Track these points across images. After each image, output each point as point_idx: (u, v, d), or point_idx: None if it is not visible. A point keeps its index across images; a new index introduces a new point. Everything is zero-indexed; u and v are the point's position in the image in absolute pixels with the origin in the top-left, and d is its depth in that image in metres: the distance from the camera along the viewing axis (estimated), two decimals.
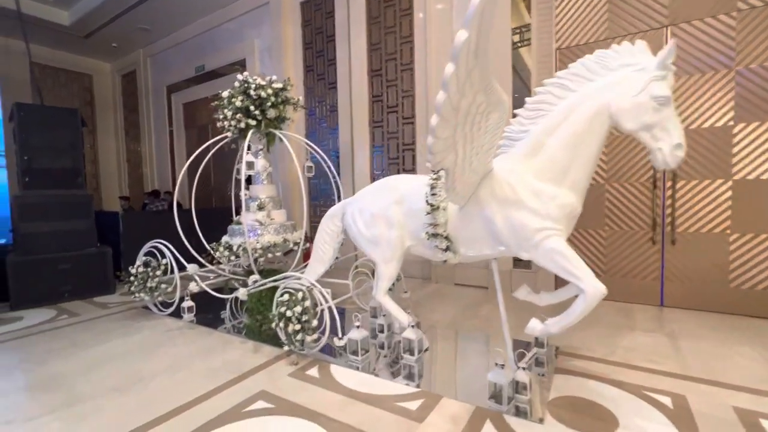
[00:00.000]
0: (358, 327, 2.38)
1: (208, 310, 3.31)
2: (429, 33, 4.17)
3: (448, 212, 2.06)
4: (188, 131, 7.19)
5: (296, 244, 3.12)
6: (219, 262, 3.38)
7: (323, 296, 2.35)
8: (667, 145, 1.57)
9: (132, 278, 3.23)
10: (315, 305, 2.35)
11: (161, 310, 3.33)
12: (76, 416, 1.83)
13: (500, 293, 2.13)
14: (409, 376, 2.17)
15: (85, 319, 3.34)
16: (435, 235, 2.07)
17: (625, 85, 1.61)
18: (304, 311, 2.28)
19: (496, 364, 1.84)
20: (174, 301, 3.21)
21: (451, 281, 4.20)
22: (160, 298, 3.33)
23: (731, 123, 2.95)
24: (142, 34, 6.97)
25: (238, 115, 2.91)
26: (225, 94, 2.98)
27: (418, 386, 2.03)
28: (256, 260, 3.08)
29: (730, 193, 3.00)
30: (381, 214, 2.35)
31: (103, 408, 1.89)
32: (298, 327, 2.26)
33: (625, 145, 3.31)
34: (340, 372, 2.22)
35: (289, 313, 2.28)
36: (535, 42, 3.64)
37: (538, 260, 1.82)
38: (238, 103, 2.88)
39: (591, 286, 1.67)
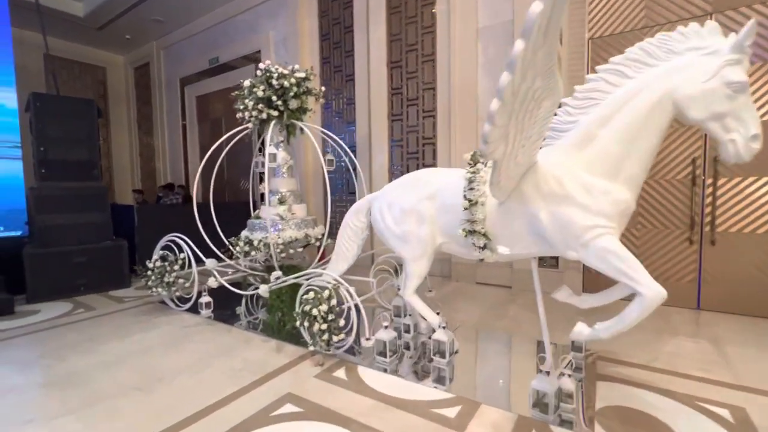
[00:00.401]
0: (386, 327, 2.28)
1: (226, 306, 3.24)
2: (453, 23, 4.02)
3: (487, 208, 1.94)
4: (201, 125, 7.12)
5: (317, 239, 3.02)
6: (237, 257, 3.30)
7: (350, 294, 2.25)
8: (742, 136, 1.43)
9: (149, 272, 3.17)
10: (341, 303, 2.25)
11: (178, 306, 3.25)
12: (97, 416, 1.75)
13: (539, 295, 2.01)
14: (439, 380, 2.07)
15: (101, 313, 3.28)
16: (472, 232, 1.95)
17: (693, 70, 1.47)
18: (330, 310, 2.18)
19: (541, 370, 1.72)
20: (192, 296, 3.14)
21: (473, 280, 4.07)
22: (177, 293, 3.26)
23: None
24: (156, 25, 6.90)
25: (260, 106, 2.80)
26: (246, 83, 2.87)
27: (448, 390, 1.93)
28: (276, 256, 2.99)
29: None
30: (412, 209, 2.23)
31: (125, 408, 1.81)
32: (324, 326, 2.16)
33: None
34: (368, 374, 2.12)
35: (314, 312, 2.18)
36: (566, 31, 3.47)
37: (587, 260, 1.69)
38: (260, 93, 2.77)
39: (650, 289, 1.54)
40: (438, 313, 2.32)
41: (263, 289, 2.64)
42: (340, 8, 5.04)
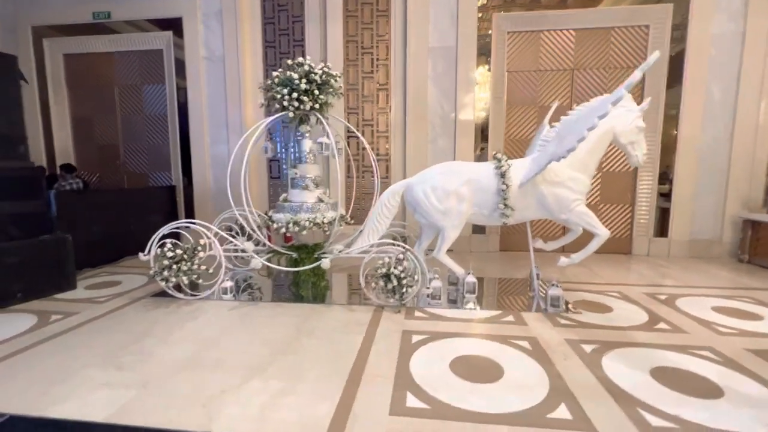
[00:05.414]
0: (436, 278, 3.10)
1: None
2: (409, 38, 4.85)
3: (512, 189, 2.99)
4: (75, 91, 5.70)
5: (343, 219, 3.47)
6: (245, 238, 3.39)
7: (416, 257, 2.96)
8: (641, 153, 2.91)
9: (165, 261, 2.96)
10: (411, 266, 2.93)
11: (192, 294, 3.14)
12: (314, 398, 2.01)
13: (531, 244, 3.24)
14: (474, 305, 3.05)
15: (95, 315, 2.85)
16: (506, 206, 2.98)
17: (623, 118, 2.86)
18: (405, 270, 2.86)
19: (553, 284, 2.92)
20: (217, 281, 3.12)
21: None
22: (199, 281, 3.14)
23: None
24: None
25: (303, 97, 3.03)
26: (294, 75, 3.01)
27: (493, 309, 2.95)
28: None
29: None
30: (453, 191, 3.08)
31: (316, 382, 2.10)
32: (404, 282, 2.82)
33: None
34: (436, 311, 2.90)
35: (396, 272, 2.81)
36: (494, 63, 4.83)
37: (571, 218, 2.96)
38: (304, 86, 3.01)
39: (604, 231, 2.91)
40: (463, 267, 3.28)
41: (326, 263, 3.01)
42: None
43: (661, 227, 4.87)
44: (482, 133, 5.00)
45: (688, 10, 4.46)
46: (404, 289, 2.84)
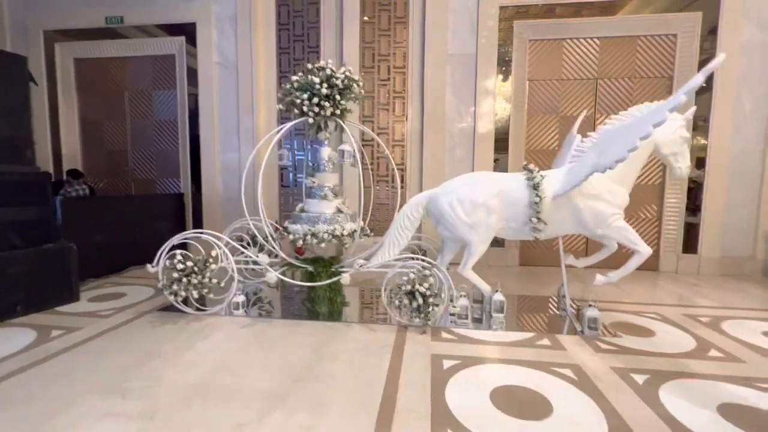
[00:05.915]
0: (464, 296, 2.89)
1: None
2: (427, 44, 4.73)
3: (545, 202, 2.80)
4: (84, 95, 5.60)
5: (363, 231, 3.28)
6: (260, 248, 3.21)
7: (443, 273, 2.76)
8: (684, 165, 2.72)
9: (175, 274, 2.78)
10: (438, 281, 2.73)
11: (201, 309, 2.94)
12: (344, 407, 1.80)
13: (563, 260, 3.03)
14: (502, 327, 2.83)
15: (99, 330, 2.66)
16: (539, 220, 2.78)
17: (667, 127, 2.67)
18: (431, 287, 2.65)
19: (590, 304, 2.71)
20: (227, 296, 2.93)
21: None
22: (209, 295, 2.96)
23: None
24: None
25: (323, 102, 2.88)
26: (316, 79, 2.86)
27: (526, 331, 2.73)
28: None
29: None
30: (482, 203, 2.88)
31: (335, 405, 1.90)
32: (431, 300, 2.62)
33: None
34: (463, 332, 2.69)
35: (422, 289, 2.61)
36: (513, 72, 4.69)
37: (609, 234, 2.76)
38: (325, 90, 2.86)
39: (645, 249, 2.70)
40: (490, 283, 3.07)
41: (346, 278, 2.81)
42: (303, 2, 5.03)
43: (687, 243, 4.65)
44: (495, 143, 4.81)
45: (718, 19, 4.32)
46: (430, 308, 2.64)
